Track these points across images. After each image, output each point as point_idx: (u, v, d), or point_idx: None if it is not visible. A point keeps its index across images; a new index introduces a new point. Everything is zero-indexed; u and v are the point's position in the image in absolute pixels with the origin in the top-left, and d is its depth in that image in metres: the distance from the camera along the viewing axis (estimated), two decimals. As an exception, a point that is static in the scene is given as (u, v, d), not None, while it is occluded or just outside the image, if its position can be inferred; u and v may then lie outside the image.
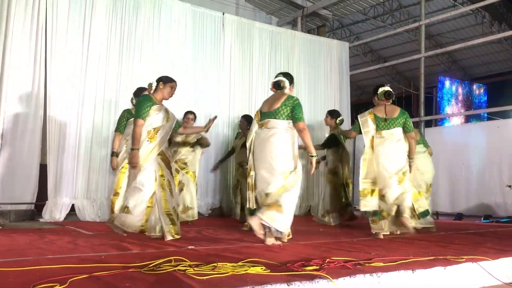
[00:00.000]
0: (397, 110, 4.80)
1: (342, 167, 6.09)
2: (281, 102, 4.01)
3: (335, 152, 6.13)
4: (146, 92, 4.38)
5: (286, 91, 4.13)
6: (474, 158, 7.70)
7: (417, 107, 9.34)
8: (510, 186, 7.12)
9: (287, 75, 4.22)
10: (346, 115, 8.89)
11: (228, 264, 2.65)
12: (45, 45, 5.98)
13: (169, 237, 4.04)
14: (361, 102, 19.73)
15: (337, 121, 6.24)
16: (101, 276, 2.35)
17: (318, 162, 6.04)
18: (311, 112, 8.40)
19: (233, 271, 2.46)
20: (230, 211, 6.90)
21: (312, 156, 4.10)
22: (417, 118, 8.57)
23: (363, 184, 4.66)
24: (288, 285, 2.20)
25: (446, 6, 14.58)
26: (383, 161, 4.61)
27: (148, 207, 4.13)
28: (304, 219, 6.99)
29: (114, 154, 5.11)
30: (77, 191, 6.01)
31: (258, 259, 2.87)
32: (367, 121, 4.79)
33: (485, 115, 15.48)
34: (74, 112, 6.10)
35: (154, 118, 4.17)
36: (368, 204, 4.60)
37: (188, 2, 7.19)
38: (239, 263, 2.69)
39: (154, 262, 2.65)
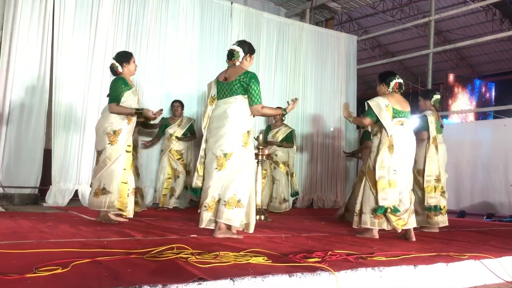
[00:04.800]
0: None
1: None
2: None
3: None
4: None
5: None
6: (479, 156, 7.66)
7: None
8: (514, 185, 7.09)
9: None
10: (352, 108, 8.85)
11: (230, 253, 2.65)
12: (52, 30, 5.97)
13: None
14: (367, 96, 19.59)
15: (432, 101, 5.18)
16: (103, 261, 2.35)
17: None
18: (317, 104, 8.37)
19: (235, 261, 2.46)
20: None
21: None
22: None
23: None
24: (289, 276, 2.20)
25: (456, 2, 14.48)
26: None
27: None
28: (306, 211, 6.99)
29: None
30: (81, 177, 6.02)
31: (260, 249, 2.87)
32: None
33: (491, 113, 15.39)
34: (80, 97, 6.09)
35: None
36: None
37: (196, -9, 7.14)
38: (241, 253, 2.69)
39: (156, 249, 2.66)
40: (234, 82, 3.77)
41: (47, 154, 5.94)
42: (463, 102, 17.04)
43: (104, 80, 6.24)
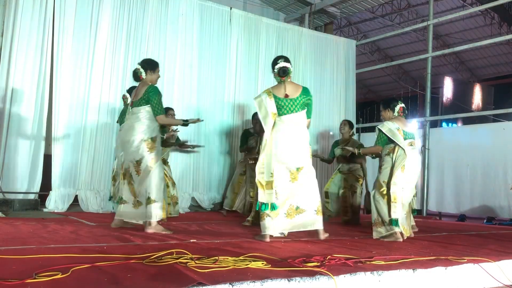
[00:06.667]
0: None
1: None
2: None
3: None
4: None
5: None
6: (479, 159, 7.65)
7: (423, 107, 9.28)
8: (514, 189, 7.08)
9: None
10: (351, 113, 8.87)
11: (230, 258, 2.66)
12: (52, 37, 5.99)
13: None
14: (367, 101, 19.70)
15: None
16: (103, 266, 2.36)
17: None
18: (316, 108, 8.35)
19: (234, 265, 2.47)
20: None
21: None
22: (422, 118, 8.54)
23: None
24: (288, 281, 2.21)
25: (455, 6, 14.52)
26: None
27: None
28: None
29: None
30: (81, 182, 6.03)
31: (259, 254, 2.88)
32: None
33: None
34: (80, 103, 6.11)
35: None
36: None
37: (195, -4, 7.18)
38: (240, 258, 2.70)
39: (156, 254, 2.67)
40: (299, 98, 3.93)
41: (47, 160, 5.95)
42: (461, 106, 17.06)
43: (104, 85, 6.26)
